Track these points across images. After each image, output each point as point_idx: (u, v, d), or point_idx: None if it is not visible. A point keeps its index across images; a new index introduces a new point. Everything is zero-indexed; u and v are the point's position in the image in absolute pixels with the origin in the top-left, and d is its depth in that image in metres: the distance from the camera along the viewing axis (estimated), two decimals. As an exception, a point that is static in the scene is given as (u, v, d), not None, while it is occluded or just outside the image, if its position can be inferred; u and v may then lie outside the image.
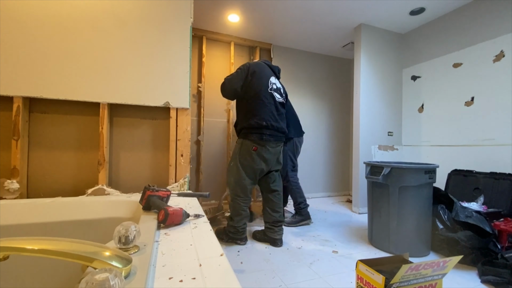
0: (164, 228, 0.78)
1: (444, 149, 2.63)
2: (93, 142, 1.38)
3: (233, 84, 1.84)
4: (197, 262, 0.55)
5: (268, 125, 1.79)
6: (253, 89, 1.82)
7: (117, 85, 1.37)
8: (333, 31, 3.13)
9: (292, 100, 3.67)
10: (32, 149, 1.29)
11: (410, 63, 3.07)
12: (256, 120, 1.78)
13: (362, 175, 2.80)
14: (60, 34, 1.28)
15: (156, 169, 1.51)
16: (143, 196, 0.92)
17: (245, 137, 1.82)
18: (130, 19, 1.41)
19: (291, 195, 2.48)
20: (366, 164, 2.02)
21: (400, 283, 0.98)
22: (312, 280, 1.44)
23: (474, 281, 1.44)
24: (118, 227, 0.55)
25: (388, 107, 3.07)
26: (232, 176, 1.86)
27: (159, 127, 1.52)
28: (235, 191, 1.86)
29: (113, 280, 0.35)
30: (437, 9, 2.62)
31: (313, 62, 3.82)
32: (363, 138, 2.88)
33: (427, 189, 1.77)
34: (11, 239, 0.43)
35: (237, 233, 1.88)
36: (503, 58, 2.20)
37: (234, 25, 3.05)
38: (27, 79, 1.22)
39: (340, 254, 1.78)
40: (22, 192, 1.23)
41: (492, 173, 2.11)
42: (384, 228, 1.85)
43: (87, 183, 1.35)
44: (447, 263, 1.02)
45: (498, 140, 2.20)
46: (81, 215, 1.04)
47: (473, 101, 2.40)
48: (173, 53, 1.48)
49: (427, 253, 1.79)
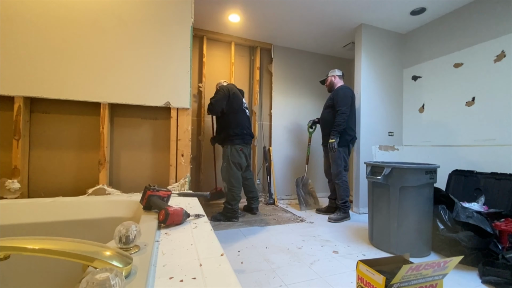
0: (165, 228, 0.78)
1: (445, 149, 2.63)
2: (93, 142, 1.38)
3: (220, 105, 2.44)
4: (197, 262, 0.55)
5: (246, 132, 2.54)
6: (234, 107, 2.49)
7: (117, 85, 1.37)
8: (334, 31, 3.13)
9: (292, 100, 3.68)
10: (33, 149, 1.29)
11: (410, 63, 3.06)
12: (239, 129, 2.48)
13: (363, 175, 2.80)
14: (61, 34, 1.28)
15: (157, 169, 1.51)
16: (144, 196, 0.92)
17: (232, 142, 2.45)
18: (130, 19, 1.41)
19: (339, 193, 2.59)
20: (367, 164, 2.01)
21: (400, 283, 0.98)
22: (312, 280, 1.44)
23: (474, 282, 1.44)
24: (118, 227, 0.55)
25: (389, 107, 3.06)
26: (227, 173, 2.47)
27: (160, 127, 1.52)
28: (230, 183, 2.46)
29: (113, 279, 0.35)
30: (438, 9, 2.61)
31: (313, 62, 3.81)
32: (363, 138, 2.88)
33: (428, 190, 1.76)
34: (12, 238, 0.43)
35: (234, 213, 2.48)
36: (504, 58, 2.19)
37: (235, 25, 3.05)
38: (28, 79, 1.22)
39: (341, 254, 1.78)
40: (23, 192, 1.23)
41: (493, 173, 2.10)
42: (384, 228, 1.84)
43: (88, 183, 1.35)
44: (448, 264, 1.02)
45: (499, 140, 2.20)
46: (82, 215, 1.04)
47: (474, 101, 2.40)
48: (173, 53, 1.49)
49: (427, 253, 1.79)
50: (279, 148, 3.57)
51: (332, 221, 2.52)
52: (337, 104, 2.54)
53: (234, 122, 2.48)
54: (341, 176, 2.55)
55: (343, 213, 2.58)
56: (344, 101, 2.52)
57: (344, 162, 2.58)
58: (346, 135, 2.56)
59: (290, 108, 3.68)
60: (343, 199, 2.58)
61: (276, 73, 3.56)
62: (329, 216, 2.60)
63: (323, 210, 2.84)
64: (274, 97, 3.55)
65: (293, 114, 3.70)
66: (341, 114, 2.50)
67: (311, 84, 3.79)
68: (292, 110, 3.69)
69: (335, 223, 2.50)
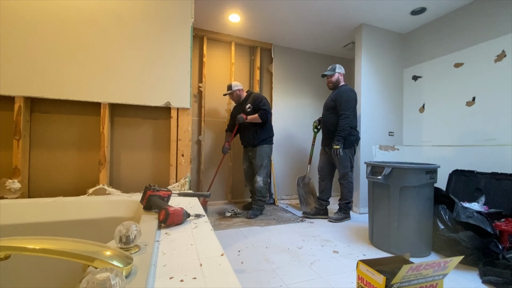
0: (165, 227, 0.78)
1: (445, 149, 2.63)
2: (94, 142, 1.38)
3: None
4: (197, 262, 0.55)
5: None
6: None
7: (118, 85, 1.37)
8: (334, 31, 3.13)
9: (292, 100, 3.68)
10: (34, 149, 1.29)
11: (411, 63, 3.06)
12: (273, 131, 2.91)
13: (363, 175, 2.80)
14: (61, 34, 1.28)
15: (157, 169, 1.51)
16: (144, 196, 0.92)
17: (271, 143, 2.82)
18: (131, 19, 1.41)
19: (343, 193, 2.59)
20: (367, 164, 2.01)
21: (401, 283, 0.98)
22: (312, 280, 1.44)
23: (475, 282, 1.44)
24: (119, 227, 0.55)
25: (389, 107, 3.06)
26: (268, 169, 2.83)
27: (160, 127, 1.52)
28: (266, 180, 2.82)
29: (114, 279, 0.35)
30: (438, 9, 2.61)
31: (313, 62, 3.81)
32: (363, 138, 2.88)
33: (428, 189, 1.76)
34: (12, 238, 0.43)
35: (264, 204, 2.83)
36: (505, 58, 2.19)
37: (235, 25, 3.05)
38: (28, 79, 1.22)
39: (341, 254, 1.78)
40: (23, 192, 1.23)
41: (493, 173, 2.10)
42: (385, 228, 1.84)
43: (88, 182, 1.35)
44: (448, 264, 1.02)
45: (500, 140, 2.20)
46: (82, 215, 1.04)
47: (475, 101, 2.40)
48: (174, 53, 1.49)
49: (428, 253, 1.79)
50: (279, 148, 3.57)
51: (333, 221, 2.54)
52: (341, 108, 2.48)
53: (270, 125, 2.85)
54: (347, 177, 2.54)
55: (344, 213, 2.59)
56: (348, 105, 2.47)
57: (350, 163, 2.57)
58: (351, 136, 2.52)
59: (290, 108, 3.68)
60: (347, 199, 2.59)
61: (276, 73, 3.56)
62: (329, 216, 2.62)
63: (311, 214, 2.71)
64: (274, 97, 3.55)
65: (293, 114, 3.69)
66: (345, 119, 2.44)
67: (311, 84, 3.79)
68: (292, 110, 3.69)
69: (336, 223, 2.51)
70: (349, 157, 2.55)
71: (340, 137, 2.45)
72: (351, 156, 2.57)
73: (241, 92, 2.84)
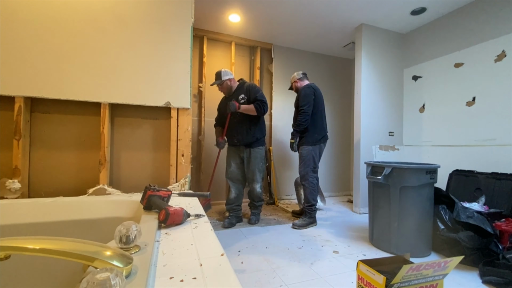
0: (165, 228, 0.78)
1: (445, 149, 2.63)
2: (94, 142, 1.38)
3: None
4: (197, 262, 0.55)
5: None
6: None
7: (118, 85, 1.37)
8: (334, 31, 3.13)
9: (292, 100, 3.65)
10: (34, 149, 1.29)
11: (411, 63, 3.06)
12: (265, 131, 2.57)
13: (363, 175, 2.80)
14: (61, 34, 1.28)
15: (157, 169, 1.51)
16: (144, 196, 0.92)
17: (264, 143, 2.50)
18: (131, 19, 1.41)
19: (305, 195, 2.44)
20: (367, 164, 2.01)
21: (401, 283, 0.98)
22: (312, 280, 1.44)
23: (475, 282, 1.44)
24: (119, 227, 0.55)
25: (389, 107, 3.06)
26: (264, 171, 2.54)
27: (160, 127, 1.52)
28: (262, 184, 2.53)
29: (114, 279, 0.35)
30: (438, 9, 2.61)
31: (313, 62, 3.81)
32: (364, 138, 2.88)
33: (428, 189, 1.76)
34: (12, 238, 0.43)
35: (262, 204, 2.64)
36: (505, 58, 2.19)
37: (235, 25, 3.05)
38: (28, 79, 1.22)
39: (341, 254, 1.78)
40: (23, 192, 1.23)
41: (493, 173, 2.10)
42: (385, 228, 1.84)
43: (88, 182, 1.35)
44: (448, 264, 1.02)
45: (500, 140, 2.20)
46: (82, 215, 1.04)
47: (475, 101, 2.40)
48: (174, 53, 1.49)
49: (428, 253, 1.79)
50: (279, 148, 3.57)
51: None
52: (299, 104, 2.45)
53: (264, 123, 2.52)
54: (308, 177, 2.40)
55: (309, 218, 2.40)
56: (305, 100, 2.42)
57: (313, 163, 2.43)
58: (315, 134, 2.44)
59: (290, 108, 3.67)
60: (310, 202, 2.40)
61: (276, 73, 3.56)
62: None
63: (298, 213, 2.71)
64: (274, 97, 3.55)
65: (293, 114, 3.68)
66: (303, 114, 2.40)
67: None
68: (292, 110, 3.67)
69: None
70: (313, 156, 2.43)
71: (295, 131, 2.43)
72: (315, 155, 2.44)
73: (232, 82, 2.41)
